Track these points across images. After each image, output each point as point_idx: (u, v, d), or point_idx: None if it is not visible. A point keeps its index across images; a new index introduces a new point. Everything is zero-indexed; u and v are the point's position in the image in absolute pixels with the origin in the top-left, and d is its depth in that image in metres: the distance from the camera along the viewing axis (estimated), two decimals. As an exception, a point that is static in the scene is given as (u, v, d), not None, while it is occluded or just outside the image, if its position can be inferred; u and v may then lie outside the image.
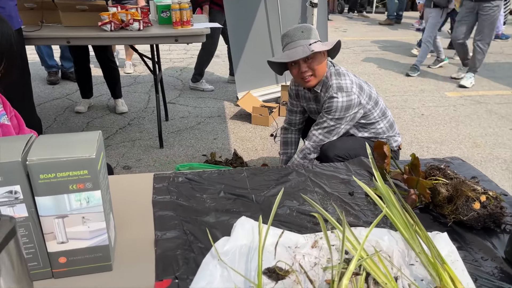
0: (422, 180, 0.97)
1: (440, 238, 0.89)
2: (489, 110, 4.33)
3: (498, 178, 2.97)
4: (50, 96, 4.54)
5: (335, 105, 2.17)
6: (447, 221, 0.99)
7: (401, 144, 2.46)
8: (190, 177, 1.17)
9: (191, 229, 0.97)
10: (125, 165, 3.07)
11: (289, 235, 0.93)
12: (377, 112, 2.28)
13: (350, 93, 2.16)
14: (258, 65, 4.21)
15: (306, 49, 2.10)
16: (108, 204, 0.86)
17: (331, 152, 2.22)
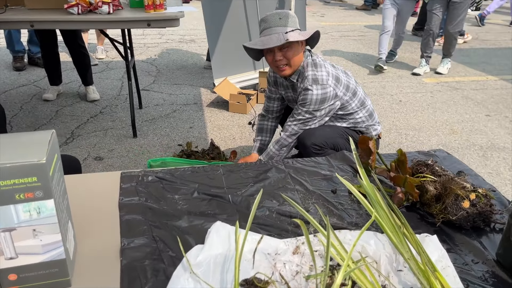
0: (409, 178, 0.91)
1: (429, 241, 0.83)
2: (465, 96, 4.35)
3: (475, 165, 2.98)
4: (16, 82, 4.31)
5: (310, 97, 2.12)
6: (435, 221, 0.93)
7: (381, 133, 2.43)
8: (161, 176, 1.08)
9: (161, 236, 0.88)
10: (96, 156, 2.93)
11: (268, 240, 0.85)
12: (355, 102, 2.23)
13: (326, 85, 2.10)
14: (235, 51, 4.09)
15: (281, 37, 2.02)
16: (65, 212, 0.77)
17: (308, 141, 2.17)
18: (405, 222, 0.86)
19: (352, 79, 2.27)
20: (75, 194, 1.01)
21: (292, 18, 2.08)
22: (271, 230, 0.91)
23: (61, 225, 0.72)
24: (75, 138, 3.19)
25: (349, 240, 0.86)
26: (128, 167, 2.80)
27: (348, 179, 1.11)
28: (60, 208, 0.72)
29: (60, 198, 0.74)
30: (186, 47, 5.93)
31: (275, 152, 2.29)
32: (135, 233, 0.89)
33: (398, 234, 0.82)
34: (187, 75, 4.71)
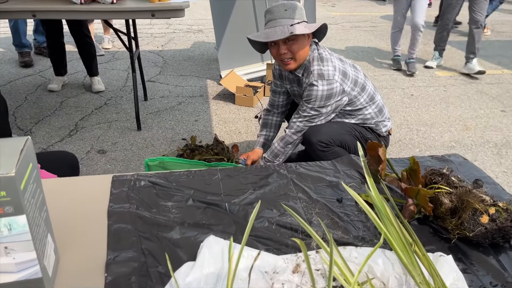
0: (423, 191, 0.83)
1: (444, 262, 0.75)
2: (479, 90, 4.21)
3: (489, 163, 2.87)
4: (22, 72, 4.27)
5: (315, 93, 2.03)
6: (450, 237, 0.85)
7: (391, 129, 2.33)
8: (155, 181, 1.01)
9: (150, 248, 0.81)
10: (100, 149, 2.88)
11: (266, 257, 0.78)
12: (363, 98, 2.13)
13: (332, 81, 2.01)
14: (242, 42, 3.98)
15: (285, 30, 1.93)
16: (43, 226, 0.70)
17: (313, 138, 2.09)
18: (416, 240, 0.78)
19: (360, 73, 2.17)
20: (62, 200, 0.95)
21: (299, 10, 1.99)
22: (269, 244, 0.84)
23: (37, 241, 0.66)
24: (79, 130, 3.14)
25: (355, 258, 0.78)
26: (131, 160, 2.75)
27: (355, 186, 1.04)
28: (35, 222, 0.66)
29: (36, 211, 0.67)
30: (194, 37, 5.85)
31: (280, 149, 2.21)
32: (123, 245, 0.82)
33: (409, 253, 0.75)
34: (193, 66, 4.63)
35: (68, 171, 1.63)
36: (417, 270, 0.71)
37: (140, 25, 6.19)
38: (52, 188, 0.98)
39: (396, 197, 0.97)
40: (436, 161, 1.14)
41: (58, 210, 0.91)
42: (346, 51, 5.45)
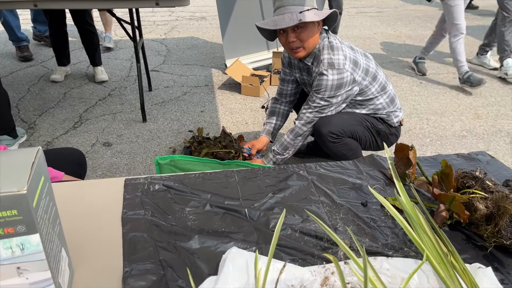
0: (458, 197, 0.78)
1: (483, 274, 0.70)
2: (490, 77, 4.13)
3: (502, 153, 2.82)
4: (24, 63, 4.21)
5: (325, 83, 1.97)
6: (485, 245, 0.81)
7: (403, 119, 2.27)
8: (169, 184, 0.97)
9: (169, 260, 0.77)
10: (105, 142, 2.84)
11: (292, 269, 0.74)
12: (375, 87, 2.08)
13: (342, 70, 1.95)
14: (247, 30, 3.92)
15: (294, 17, 1.87)
16: (57, 241, 0.66)
17: (324, 129, 2.05)
18: (453, 250, 0.73)
19: (372, 62, 2.11)
20: (72, 206, 0.91)
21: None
22: (294, 254, 0.79)
23: (51, 259, 0.61)
24: (83, 122, 3.10)
25: (386, 270, 0.74)
26: (137, 153, 2.70)
27: (380, 188, 0.99)
28: (49, 239, 0.61)
29: (50, 227, 0.62)
30: (197, 24, 5.75)
31: (290, 142, 2.17)
32: (140, 256, 0.78)
33: (445, 265, 0.70)
34: (198, 55, 4.56)
35: (75, 168, 1.59)
36: (456, 284, 0.67)
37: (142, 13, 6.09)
38: (61, 193, 0.93)
39: (424, 200, 0.92)
40: (462, 160, 1.09)
41: (69, 217, 0.87)
42: (352, 38, 5.35)
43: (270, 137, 2.45)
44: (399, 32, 5.66)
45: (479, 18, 6.57)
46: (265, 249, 0.80)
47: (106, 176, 2.46)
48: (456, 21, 3.61)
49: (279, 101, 2.45)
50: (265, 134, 2.44)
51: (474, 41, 5.34)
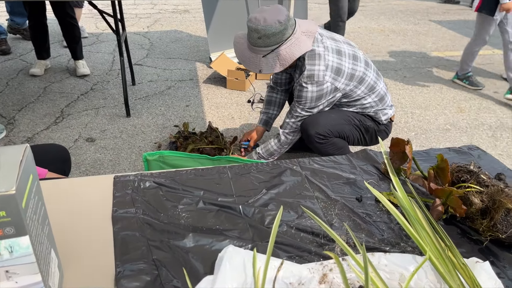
0: (455, 191, 0.77)
1: (481, 269, 0.70)
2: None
3: (485, 146, 2.86)
4: (1, 57, 4.07)
5: (305, 95, 1.98)
6: (481, 239, 0.81)
7: (394, 116, 2.26)
8: (160, 181, 0.94)
9: (162, 259, 0.75)
10: (88, 137, 2.77)
11: (290, 266, 0.72)
12: (361, 89, 2.06)
13: (321, 82, 1.94)
14: (232, 23, 3.87)
15: (256, 63, 1.89)
16: (46, 242, 0.63)
17: (311, 130, 2.04)
18: (451, 245, 0.73)
19: (360, 63, 2.05)
20: (60, 205, 0.87)
21: (273, 37, 1.83)
22: (291, 251, 0.78)
23: (41, 261, 0.59)
24: (65, 117, 3.02)
25: (384, 266, 0.73)
26: (122, 149, 2.65)
27: (374, 183, 0.98)
28: (39, 240, 0.59)
29: (39, 228, 0.60)
30: (180, 18, 5.67)
31: (276, 149, 2.18)
32: (132, 256, 0.75)
33: (444, 260, 0.70)
34: (181, 48, 4.49)
35: (59, 164, 1.54)
36: (455, 280, 0.66)
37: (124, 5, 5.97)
38: (47, 191, 0.90)
39: (419, 195, 0.92)
40: (454, 154, 1.09)
41: (57, 217, 0.83)
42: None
43: (266, 127, 2.46)
44: (382, 26, 5.69)
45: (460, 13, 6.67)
46: (261, 246, 0.79)
47: (90, 172, 2.40)
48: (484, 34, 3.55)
49: (274, 90, 2.44)
50: (261, 124, 2.45)
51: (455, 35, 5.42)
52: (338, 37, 2.09)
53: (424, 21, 6.05)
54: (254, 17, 1.85)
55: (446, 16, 6.35)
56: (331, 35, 2.08)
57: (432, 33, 5.44)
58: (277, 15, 1.82)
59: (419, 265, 0.66)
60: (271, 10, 1.86)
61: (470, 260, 0.73)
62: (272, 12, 1.84)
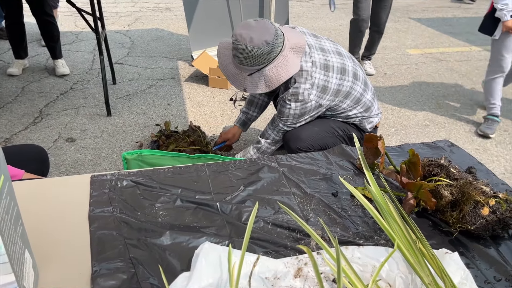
0: (425, 185, 0.80)
1: (450, 259, 0.73)
2: (450, 68, 4.27)
3: (462, 141, 2.93)
4: (-23, 56, 3.99)
5: (287, 111, 1.94)
6: (451, 230, 0.83)
7: (379, 122, 2.22)
8: (138, 180, 0.94)
9: (139, 257, 0.75)
10: (68, 137, 2.74)
11: (266, 261, 0.74)
12: (346, 103, 2.01)
13: (305, 101, 1.89)
14: (214, 21, 3.87)
15: (241, 81, 1.82)
16: (20, 243, 0.63)
17: (293, 144, 2.02)
18: (422, 237, 0.75)
19: (347, 78, 1.96)
20: (35, 205, 0.87)
21: (259, 58, 1.73)
22: (267, 247, 0.79)
23: (14, 261, 0.58)
24: (44, 117, 2.97)
25: (358, 258, 0.75)
26: (102, 148, 2.63)
27: (349, 178, 1.00)
28: (11, 240, 0.58)
29: (12, 228, 0.59)
30: (162, 16, 5.63)
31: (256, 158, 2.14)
32: (109, 255, 0.75)
33: (414, 252, 0.72)
34: (163, 47, 4.46)
35: (37, 165, 1.53)
36: (425, 270, 0.69)
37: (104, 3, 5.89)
38: (23, 192, 0.89)
39: (392, 189, 0.94)
40: (428, 149, 1.12)
41: (33, 217, 0.83)
42: (317, 29, 5.40)
43: (243, 128, 2.40)
44: (363, 24, 5.74)
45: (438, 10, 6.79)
46: (238, 242, 0.80)
47: (70, 173, 2.38)
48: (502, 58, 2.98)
49: None
50: (239, 124, 2.38)
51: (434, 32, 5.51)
52: (327, 46, 2.00)
53: (404, 19, 6.14)
54: (240, 34, 1.73)
55: (425, 14, 6.45)
56: (320, 44, 1.99)
57: (412, 31, 5.52)
58: (265, 35, 1.71)
59: (388, 255, 0.68)
60: (258, 28, 1.73)
61: (439, 251, 0.76)
62: (259, 31, 1.72)
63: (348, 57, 2.04)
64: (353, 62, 2.05)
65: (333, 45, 2.04)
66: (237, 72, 1.83)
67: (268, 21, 1.78)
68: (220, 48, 1.90)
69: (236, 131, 2.39)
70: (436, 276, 0.69)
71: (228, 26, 4.02)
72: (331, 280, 0.72)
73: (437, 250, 0.75)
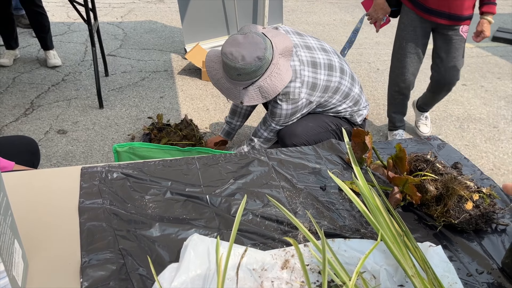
0: (411, 179, 0.81)
1: (433, 252, 0.75)
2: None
3: (452, 137, 2.96)
4: (-33, 46, 3.94)
5: (279, 112, 1.97)
6: (435, 224, 0.85)
7: (368, 114, 2.27)
8: (128, 172, 0.95)
9: (129, 248, 0.76)
10: (59, 129, 2.73)
11: (253, 253, 0.75)
12: (336, 98, 2.05)
13: (297, 100, 1.92)
14: (207, 13, 3.85)
15: (236, 97, 1.83)
16: (9, 233, 0.63)
17: (288, 140, 2.05)
18: (406, 230, 0.77)
19: (335, 74, 1.98)
20: (26, 196, 0.87)
21: (254, 73, 1.74)
22: (255, 239, 0.80)
23: (3, 251, 0.59)
24: (35, 109, 2.96)
25: (344, 251, 0.76)
26: (94, 141, 2.62)
27: (338, 172, 1.01)
28: (1, 231, 0.59)
29: (1, 219, 0.60)
30: (155, 8, 5.59)
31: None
32: (98, 246, 0.76)
33: (399, 244, 0.73)
34: (156, 39, 4.44)
35: (27, 157, 1.52)
36: (408, 262, 0.70)
37: (97, -6, 5.84)
38: (13, 183, 0.90)
39: (380, 183, 0.96)
40: (416, 144, 1.14)
41: (22, 209, 0.83)
42: (311, 24, 5.39)
43: (228, 138, 2.46)
44: (357, 19, 5.75)
45: None
46: (227, 234, 0.81)
47: (62, 165, 2.37)
48: None
49: None
50: (223, 135, 2.44)
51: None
52: (312, 43, 2.01)
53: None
54: (230, 52, 1.72)
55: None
56: (304, 42, 1.98)
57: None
58: (256, 51, 1.71)
59: (371, 248, 0.69)
60: (248, 44, 1.72)
61: (423, 244, 0.77)
62: (249, 47, 1.71)
63: (333, 53, 2.07)
64: (338, 57, 2.08)
65: (318, 42, 2.06)
66: (230, 87, 1.83)
67: (255, 34, 1.76)
68: (208, 62, 1.88)
69: (221, 140, 2.45)
70: (419, 268, 0.70)
71: (222, 19, 4.01)
72: (317, 272, 0.73)
73: (421, 243, 0.77)
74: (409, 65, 2.62)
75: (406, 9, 2.49)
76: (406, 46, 2.56)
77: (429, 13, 2.38)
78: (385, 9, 2.55)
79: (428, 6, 2.35)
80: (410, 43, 2.55)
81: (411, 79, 2.69)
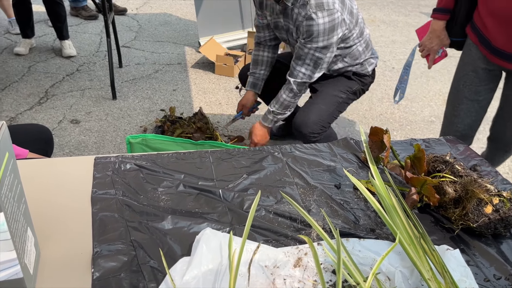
0: (429, 181, 0.79)
1: (451, 256, 0.73)
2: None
3: (467, 139, 2.91)
4: (-16, 34, 3.98)
5: (316, 28, 1.75)
6: (453, 227, 0.83)
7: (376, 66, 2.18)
8: (141, 164, 0.94)
9: (140, 240, 0.75)
10: (73, 119, 2.74)
11: (266, 250, 0.74)
12: (356, 32, 1.92)
13: (333, 10, 1.73)
14: (222, 7, 3.83)
15: None
16: (22, 220, 0.63)
17: (305, 129, 1.98)
18: (424, 232, 0.75)
19: (353, 5, 1.91)
20: (39, 185, 0.87)
21: None
22: (268, 235, 0.79)
23: (16, 238, 0.59)
24: (50, 98, 2.98)
25: (358, 251, 0.75)
26: (107, 131, 2.63)
27: (353, 171, 1.00)
28: (14, 218, 0.59)
29: (15, 205, 0.60)
30: (170, 1, 5.58)
31: (290, 100, 2.00)
32: (110, 237, 0.76)
33: (416, 247, 0.72)
34: (170, 31, 4.44)
35: (41, 145, 1.53)
36: (425, 265, 0.69)
37: (113, -14, 5.85)
38: (27, 171, 0.90)
39: (396, 183, 0.94)
40: (433, 144, 1.11)
41: (36, 196, 0.83)
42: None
43: (256, 90, 2.27)
44: (373, 16, 5.68)
45: None
46: (239, 230, 0.80)
47: (74, 154, 2.39)
48: None
49: (260, 48, 2.21)
50: (250, 88, 2.26)
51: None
52: None
53: (415, 13, 6.06)
54: None
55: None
56: None
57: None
58: None
59: (389, 249, 0.68)
60: None
61: (441, 247, 0.75)
62: None
63: None
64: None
65: None
66: None
67: None
68: None
69: (250, 96, 2.29)
70: (436, 272, 0.68)
71: (237, 13, 3.99)
72: (331, 272, 0.72)
73: (438, 246, 0.75)
74: (464, 114, 1.89)
75: (469, 42, 1.78)
76: (464, 90, 1.85)
77: (495, 54, 1.68)
78: (442, 38, 1.92)
79: (495, 45, 1.64)
80: (469, 87, 1.83)
81: (467, 132, 1.95)
